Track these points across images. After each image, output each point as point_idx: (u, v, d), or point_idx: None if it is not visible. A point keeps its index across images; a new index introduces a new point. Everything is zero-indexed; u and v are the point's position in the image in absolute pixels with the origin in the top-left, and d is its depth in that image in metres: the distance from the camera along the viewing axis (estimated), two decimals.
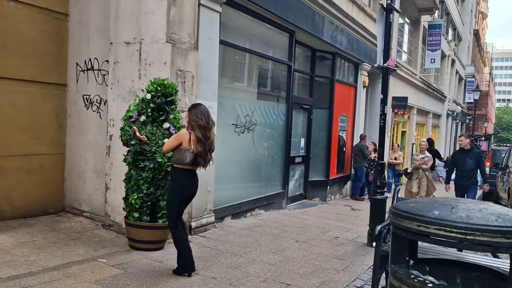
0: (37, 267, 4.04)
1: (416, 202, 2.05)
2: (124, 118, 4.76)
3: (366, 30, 11.27)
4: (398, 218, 1.98)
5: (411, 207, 1.96)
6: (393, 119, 15.42)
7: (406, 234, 1.96)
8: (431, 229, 1.86)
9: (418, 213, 1.90)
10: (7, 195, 5.53)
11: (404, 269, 2.01)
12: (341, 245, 5.90)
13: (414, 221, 1.90)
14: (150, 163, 4.63)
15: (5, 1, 5.38)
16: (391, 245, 2.11)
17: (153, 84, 4.71)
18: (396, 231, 2.02)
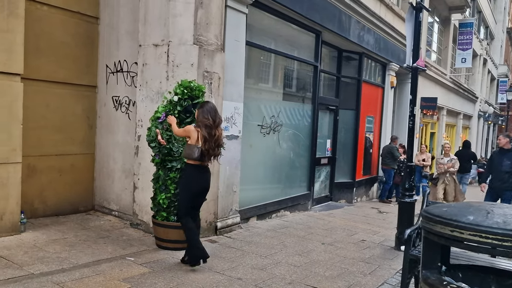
0: (68, 264, 4.15)
1: (449, 206, 1.99)
2: (152, 119, 4.84)
3: (394, 29, 11.07)
4: (430, 223, 1.93)
5: (444, 212, 1.90)
6: (422, 120, 15.08)
7: (439, 239, 1.91)
8: (465, 234, 1.80)
9: (452, 218, 1.84)
10: (40, 194, 5.71)
11: (436, 275, 1.96)
12: (368, 248, 5.81)
13: (447, 226, 1.84)
14: (178, 164, 4.68)
15: (39, 6, 5.56)
16: (422, 250, 2.06)
17: (179, 87, 4.75)
18: (428, 236, 1.97)
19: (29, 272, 3.84)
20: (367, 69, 10.89)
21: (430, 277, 1.94)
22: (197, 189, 4.30)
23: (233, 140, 6.02)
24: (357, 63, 10.37)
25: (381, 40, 10.71)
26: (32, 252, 4.40)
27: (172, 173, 4.74)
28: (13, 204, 4.83)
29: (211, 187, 5.49)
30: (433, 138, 17.33)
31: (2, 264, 3.99)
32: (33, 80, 5.48)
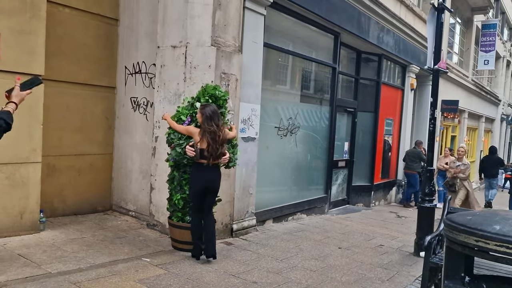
0: (85, 263, 4.19)
1: (474, 215, 1.91)
2: (175, 119, 4.77)
3: (414, 31, 10.89)
4: (454, 232, 1.86)
5: (469, 220, 1.83)
6: (442, 123, 14.79)
7: (463, 249, 1.83)
8: (491, 245, 1.72)
9: (477, 227, 1.77)
10: (59, 193, 5.79)
11: (459, 286, 1.89)
12: (386, 254, 5.70)
13: (472, 235, 1.77)
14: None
15: (61, 8, 5.64)
16: (444, 259, 1.99)
17: (204, 94, 4.64)
18: (451, 246, 1.90)
19: (47, 271, 3.89)
20: (386, 71, 10.74)
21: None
22: (198, 187, 4.44)
23: (249, 142, 5.99)
24: (376, 65, 10.23)
25: (401, 41, 10.55)
26: (50, 251, 4.45)
27: (186, 174, 4.74)
28: (32, 203, 4.91)
29: (227, 189, 5.54)
30: (454, 141, 16.98)
31: (21, 262, 4.05)
32: (55, 81, 5.55)
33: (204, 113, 4.36)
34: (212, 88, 4.72)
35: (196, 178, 4.46)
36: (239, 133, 5.76)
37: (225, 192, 5.50)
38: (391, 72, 11.12)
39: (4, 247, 4.42)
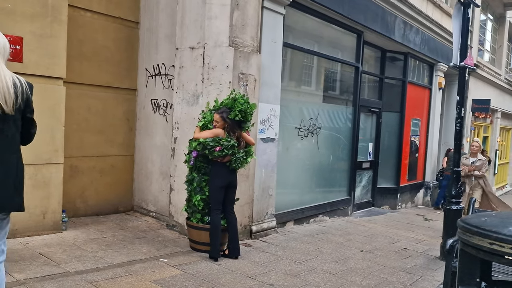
0: (103, 263, 4.22)
1: (490, 216, 1.78)
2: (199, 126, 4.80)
3: (442, 28, 10.55)
4: (467, 234, 1.73)
5: (483, 222, 1.70)
6: (473, 123, 14.26)
7: (477, 253, 1.71)
8: (506, 248, 1.59)
9: (491, 229, 1.64)
10: (82, 194, 5.90)
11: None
12: (410, 257, 5.51)
13: (486, 238, 1.64)
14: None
15: (82, 12, 5.76)
16: (458, 264, 1.86)
17: (236, 107, 4.57)
18: (465, 249, 1.77)
19: (65, 270, 3.94)
20: (413, 70, 10.44)
21: None
22: (222, 183, 4.59)
23: (269, 143, 5.93)
24: (402, 64, 9.97)
25: (428, 39, 10.24)
26: (70, 250, 4.52)
27: (206, 176, 4.74)
28: (55, 203, 5.00)
29: (246, 190, 5.50)
30: (486, 142, 16.36)
31: (41, 261, 4.13)
32: (77, 83, 5.68)
33: (227, 117, 4.56)
34: (242, 102, 4.60)
35: (219, 176, 4.60)
36: (258, 134, 5.71)
37: (244, 194, 5.46)
38: (417, 71, 10.81)
39: (26, 246, 4.52)
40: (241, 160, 4.65)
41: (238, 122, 4.62)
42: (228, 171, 4.62)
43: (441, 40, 10.84)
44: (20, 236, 4.75)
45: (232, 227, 4.71)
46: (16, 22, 4.60)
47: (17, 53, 4.58)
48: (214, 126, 4.66)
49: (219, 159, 4.55)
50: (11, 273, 3.75)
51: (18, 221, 4.73)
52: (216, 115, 4.61)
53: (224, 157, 4.54)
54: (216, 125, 4.63)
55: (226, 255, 4.72)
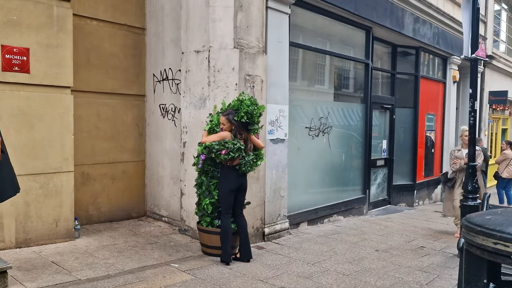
0: (114, 270, 4.23)
1: (494, 214, 1.70)
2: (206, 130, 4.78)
3: (454, 20, 10.32)
4: (471, 233, 1.65)
5: (487, 220, 1.62)
6: (491, 116, 13.93)
7: (481, 253, 1.62)
8: (511, 248, 1.51)
9: (495, 228, 1.55)
10: (94, 200, 5.94)
11: None
12: (427, 256, 5.37)
13: (490, 237, 1.56)
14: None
15: (88, 21, 5.81)
16: (464, 265, 1.78)
17: (240, 109, 4.53)
18: (470, 249, 1.69)
19: (77, 278, 3.96)
20: (425, 64, 10.25)
21: None
22: (232, 186, 4.56)
23: (279, 144, 5.87)
24: (413, 58, 9.80)
25: (440, 32, 10.03)
26: (82, 258, 4.55)
27: (214, 179, 4.71)
28: (67, 211, 5.05)
29: (257, 192, 5.46)
30: (505, 134, 15.95)
31: (53, 269, 4.16)
32: (85, 92, 5.73)
33: (232, 120, 4.53)
34: (249, 104, 4.55)
35: (228, 179, 4.56)
36: (267, 135, 5.66)
37: (255, 196, 5.42)
38: (430, 65, 10.61)
39: (39, 255, 4.57)
40: (250, 163, 4.60)
41: (244, 124, 4.57)
42: (238, 174, 4.58)
43: (453, 32, 10.60)
44: (33, 245, 4.80)
45: (242, 230, 4.68)
46: (22, 34, 4.66)
47: (24, 64, 4.64)
48: (221, 129, 4.62)
49: (228, 162, 4.52)
50: (22, 282, 3.78)
51: (31, 229, 4.80)
52: (222, 117, 4.58)
53: (233, 160, 4.51)
54: (222, 128, 4.60)
55: (238, 258, 4.69)
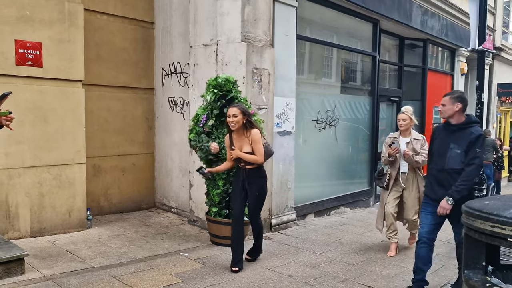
0: (126, 258, 4.36)
1: (493, 199, 1.77)
2: (193, 121, 4.89)
3: (462, 12, 10.26)
4: (470, 218, 1.72)
5: (485, 205, 1.69)
6: (499, 108, 13.86)
7: (480, 236, 1.69)
8: (507, 230, 1.58)
9: (492, 212, 1.62)
10: (105, 192, 6.08)
11: (480, 275, 1.75)
12: None
13: (487, 221, 1.63)
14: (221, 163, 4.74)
15: (99, 16, 5.91)
16: (464, 248, 1.85)
17: (209, 89, 4.63)
18: (469, 233, 1.76)
19: (90, 266, 4.10)
20: (433, 57, 10.23)
21: (472, 278, 1.74)
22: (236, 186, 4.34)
23: (286, 136, 5.95)
24: (421, 51, 9.77)
25: (448, 24, 9.99)
26: (95, 247, 4.69)
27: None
28: (79, 202, 5.18)
29: None
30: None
31: (67, 257, 4.29)
32: (96, 85, 5.84)
33: (252, 120, 4.15)
34: (213, 79, 4.66)
35: (234, 179, 4.35)
36: (274, 128, 5.73)
37: None
38: (438, 57, 10.58)
39: (54, 244, 4.71)
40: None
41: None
42: (244, 174, 4.16)
43: (462, 24, 10.55)
44: (48, 234, 4.94)
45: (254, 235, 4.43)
46: (35, 29, 4.77)
47: (37, 59, 4.75)
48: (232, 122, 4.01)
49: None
50: (39, 269, 3.92)
51: (46, 219, 4.94)
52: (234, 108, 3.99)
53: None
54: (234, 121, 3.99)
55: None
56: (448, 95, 3.62)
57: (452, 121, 3.61)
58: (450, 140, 3.60)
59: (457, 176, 3.52)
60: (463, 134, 3.54)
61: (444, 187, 3.59)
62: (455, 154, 3.53)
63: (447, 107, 3.57)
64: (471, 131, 3.53)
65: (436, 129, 3.86)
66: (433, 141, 3.80)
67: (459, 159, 3.52)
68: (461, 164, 3.51)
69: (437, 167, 3.68)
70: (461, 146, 3.52)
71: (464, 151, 3.50)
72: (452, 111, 3.56)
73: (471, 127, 3.56)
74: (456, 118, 3.59)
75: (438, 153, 3.67)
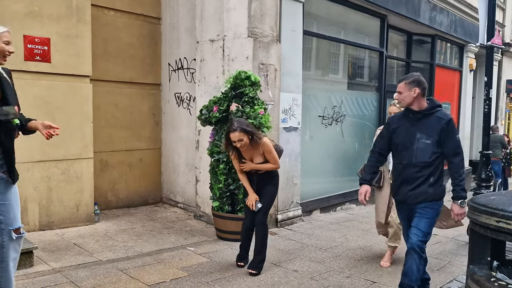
0: (133, 252, 4.40)
1: (499, 195, 1.76)
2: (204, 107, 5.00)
3: (471, 7, 10.15)
4: (476, 213, 1.72)
5: (491, 200, 1.69)
6: (508, 105, 13.72)
7: (485, 231, 1.69)
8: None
9: (498, 207, 1.63)
10: (112, 187, 6.13)
11: (485, 270, 1.75)
12: (438, 243, 5.42)
13: (492, 216, 1.63)
14: (224, 157, 4.76)
15: (106, 11, 5.94)
16: (469, 243, 1.85)
17: (228, 81, 4.77)
18: (474, 228, 1.76)
19: (98, 259, 4.14)
20: (441, 53, 10.14)
21: (477, 273, 1.74)
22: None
23: (292, 132, 5.95)
24: (429, 47, 9.70)
25: (456, 20, 9.90)
26: (102, 240, 4.74)
27: (221, 165, 4.84)
28: (87, 196, 5.23)
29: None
30: None
31: (75, 251, 4.35)
32: (103, 81, 5.88)
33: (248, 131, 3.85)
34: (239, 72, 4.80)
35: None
36: (280, 123, 5.73)
37: None
38: (446, 53, 10.49)
39: (62, 237, 4.76)
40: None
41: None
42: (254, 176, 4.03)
43: (471, 20, 10.44)
44: (56, 228, 5.00)
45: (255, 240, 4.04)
46: (43, 24, 4.80)
47: (45, 54, 4.79)
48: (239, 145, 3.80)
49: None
50: (47, 262, 3.98)
51: (54, 213, 5.00)
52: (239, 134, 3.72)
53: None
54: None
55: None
56: (402, 81, 3.21)
57: (414, 108, 3.17)
58: (416, 129, 3.15)
59: (427, 170, 3.10)
60: (429, 121, 3.13)
61: (410, 183, 3.16)
62: (424, 145, 3.10)
63: (404, 94, 3.15)
64: (438, 116, 3.14)
65: (393, 120, 3.39)
66: (390, 134, 3.32)
67: (430, 150, 3.09)
68: (433, 155, 3.09)
69: (403, 162, 3.21)
70: (431, 135, 3.09)
71: (436, 141, 3.08)
72: (410, 98, 3.13)
73: (437, 112, 3.16)
74: (417, 104, 3.16)
75: (403, 145, 3.21)
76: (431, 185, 3.10)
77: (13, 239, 2.64)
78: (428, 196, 3.12)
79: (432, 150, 3.09)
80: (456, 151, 3.06)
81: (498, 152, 9.96)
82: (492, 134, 10.39)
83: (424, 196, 3.13)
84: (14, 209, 2.67)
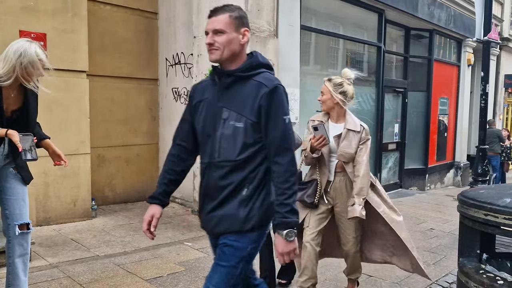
0: (130, 247, 4.42)
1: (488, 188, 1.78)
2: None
3: (469, 1, 10.14)
4: (464, 206, 1.74)
5: (479, 194, 1.70)
6: (506, 99, 13.74)
7: (473, 224, 1.71)
8: (500, 218, 1.59)
9: (486, 201, 1.64)
10: (109, 182, 6.14)
11: (474, 263, 1.76)
12: (435, 238, 5.45)
13: (481, 209, 1.65)
14: None
15: (102, 6, 5.91)
16: (458, 236, 1.87)
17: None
18: (463, 221, 1.78)
19: (95, 254, 4.16)
20: (439, 47, 10.14)
21: (466, 265, 1.75)
22: None
23: None
24: (427, 41, 9.71)
25: (454, 15, 9.89)
26: (100, 236, 4.75)
27: None
28: (84, 192, 5.24)
29: None
30: None
31: (72, 246, 4.36)
32: (100, 76, 5.86)
33: None
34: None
35: None
36: None
37: None
38: (444, 48, 10.49)
39: (59, 233, 4.78)
40: None
41: None
42: None
43: (469, 14, 10.43)
44: (53, 223, 5.01)
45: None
46: (39, 19, 4.79)
47: None
48: None
49: None
50: (44, 257, 3.99)
51: (51, 209, 5.01)
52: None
53: None
54: None
55: None
56: (221, 13, 1.90)
57: (225, 65, 1.90)
58: (221, 104, 1.89)
59: (237, 175, 1.86)
60: (244, 90, 1.84)
61: (211, 198, 1.96)
62: (232, 131, 1.84)
63: (226, 36, 1.85)
64: (259, 82, 1.83)
65: (196, 89, 2.08)
66: (192, 113, 2.06)
67: (241, 141, 1.83)
68: (246, 149, 1.84)
69: (204, 161, 2.05)
70: (243, 113, 1.82)
71: (253, 123, 1.82)
72: (237, 46, 1.89)
73: (258, 75, 1.86)
74: (235, 58, 1.89)
75: (202, 133, 1.98)
76: (244, 202, 1.85)
77: (15, 234, 2.64)
78: (236, 221, 1.86)
79: (245, 140, 1.82)
80: (282, 144, 1.79)
81: (496, 147, 9.97)
82: (489, 129, 10.41)
83: (230, 221, 1.88)
84: (20, 205, 2.69)
